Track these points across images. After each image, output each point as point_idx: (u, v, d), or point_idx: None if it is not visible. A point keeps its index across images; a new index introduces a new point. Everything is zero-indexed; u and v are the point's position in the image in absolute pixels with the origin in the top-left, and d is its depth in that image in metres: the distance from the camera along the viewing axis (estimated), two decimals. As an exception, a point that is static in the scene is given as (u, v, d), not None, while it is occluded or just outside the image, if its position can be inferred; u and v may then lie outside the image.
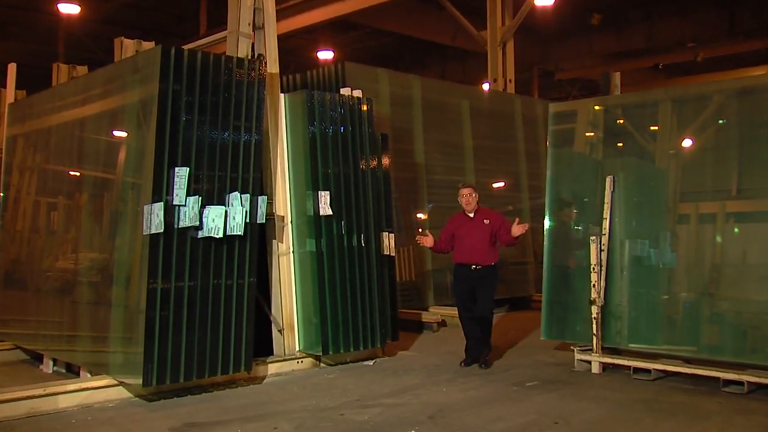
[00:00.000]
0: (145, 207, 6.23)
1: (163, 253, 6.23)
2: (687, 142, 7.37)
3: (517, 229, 7.51)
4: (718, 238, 6.96)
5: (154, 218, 6.16)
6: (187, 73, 6.48)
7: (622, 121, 7.86)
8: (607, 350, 7.43)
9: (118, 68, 7.40)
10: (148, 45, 8.14)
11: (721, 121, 7.15)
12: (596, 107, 8.08)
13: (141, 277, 6.25)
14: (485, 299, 7.64)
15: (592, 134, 8.03)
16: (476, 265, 7.62)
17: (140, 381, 6.12)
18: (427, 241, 7.84)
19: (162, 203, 6.19)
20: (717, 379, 6.63)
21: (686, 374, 6.91)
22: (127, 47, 8.22)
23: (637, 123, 7.68)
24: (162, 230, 6.18)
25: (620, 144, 7.83)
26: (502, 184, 12.88)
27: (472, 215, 7.77)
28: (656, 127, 7.55)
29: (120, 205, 6.76)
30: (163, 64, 6.32)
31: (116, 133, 7.09)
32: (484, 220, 7.70)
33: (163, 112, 6.30)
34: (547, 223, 8.04)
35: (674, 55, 20.79)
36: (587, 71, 22.58)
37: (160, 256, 6.22)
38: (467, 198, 7.73)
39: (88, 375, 6.85)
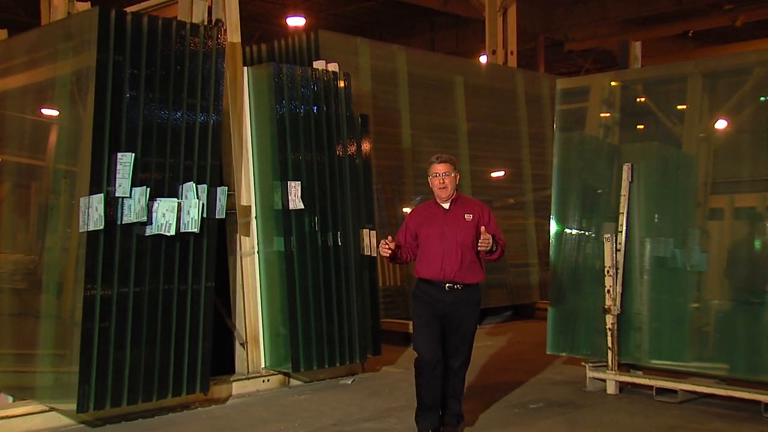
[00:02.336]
0: (82, 199, 6.14)
1: (103, 253, 6.16)
2: (721, 124, 7.35)
3: (481, 241, 5.77)
4: (758, 237, 6.91)
5: (93, 213, 6.09)
6: (132, 41, 6.40)
7: (642, 99, 7.84)
8: (624, 367, 7.42)
9: (46, 33, 7.28)
10: (82, 6, 8.01)
11: (763, 99, 7.10)
12: (612, 83, 8.02)
13: (76, 283, 6.17)
14: (464, 344, 5.95)
15: (607, 115, 8.00)
16: (452, 284, 5.85)
17: (74, 406, 6.03)
18: (388, 249, 5.84)
19: (102, 195, 6.11)
20: (757, 402, 6.59)
21: (720, 396, 6.86)
22: (56, 8, 8.10)
23: (661, 101, 7.64)
24: (102, 227, 6.10)
25: (640, 126, 7.81)
26: (501, 173, 12.92)
27: (447, 206, 5.99)
28: (684, 106, 7.54)
29: (51, 198, 6.68)
30: (102, 30, 6.22)
31: (45, 111, 7.02)
32: (465, 215, 5.95)
33: (102, 87, 6.21)
34: (553, 218, 8.02)
35: (707, 20, 20.56)
36: (602, 41, 22.49)
37: (100, 258, 6.15)
38: (441, 179, 5.92)
39: (10, 400, 6.76)
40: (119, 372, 6.22)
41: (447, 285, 5.85)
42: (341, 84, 8.13)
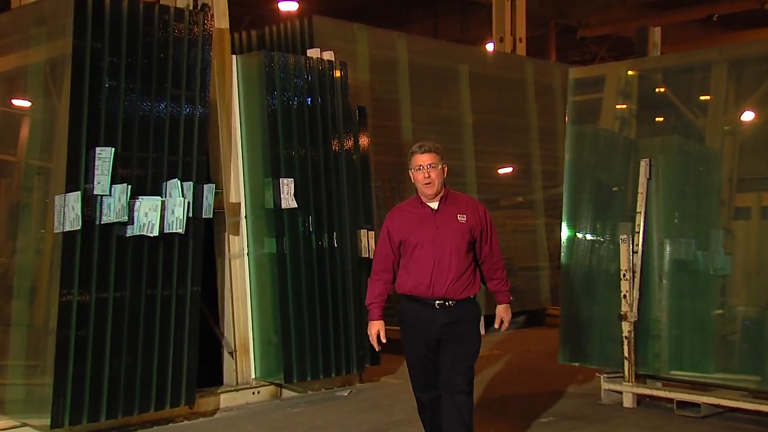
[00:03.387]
0: (57, 198, 6.13)
1: (80, 256, 6.15)
2: (747, 116, 7.32)
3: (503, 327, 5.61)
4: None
5: (69, 212, 6.08)
6: (111, 27, 6.39)
7: (662, 90, 7.82)
8: (642, 378, 7.37)
9: (16, 17, 7.27)
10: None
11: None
12: (629, 72, 8.02)
13: (51, 288, 6.15)
14: (463, 365, 5.32)
15: (623, 106, 8.00)
16: (444, 301, 5.27)
17: (48, 421, 6.00)
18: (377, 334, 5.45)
19: (79, 193, 6.10)
20: (789, 417, 6.63)
21: (747, 411, 6.80)
22: (28, -10, 8.10)
23: (682, 91, 7.62)
24: (79, 227, 6.10)
25: (660, 119, 7.78)
26: (509, 169, 12.88)
27: (435, 206, 5.36)
28: (707, 97, 7.52)
29: (23, 196, 6.69)
30: (78, 14, 6.19)
31: (16, 101, 7.01)
32: (458, 216, 5.35)
33: (79, 76, 6.18)
34: (565, 218, 7.98)
35: (733, 2, 20.45)
36: (618, 26, 22.35)
37: (77, 260, 6.13)
38: (426, 173, 5.27)
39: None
40: (97, 384, 6.21)
41: (437, 302, 5.25)
42: (337, 74, 8.13)
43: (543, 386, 8.24)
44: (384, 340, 5.39)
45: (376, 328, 5.39)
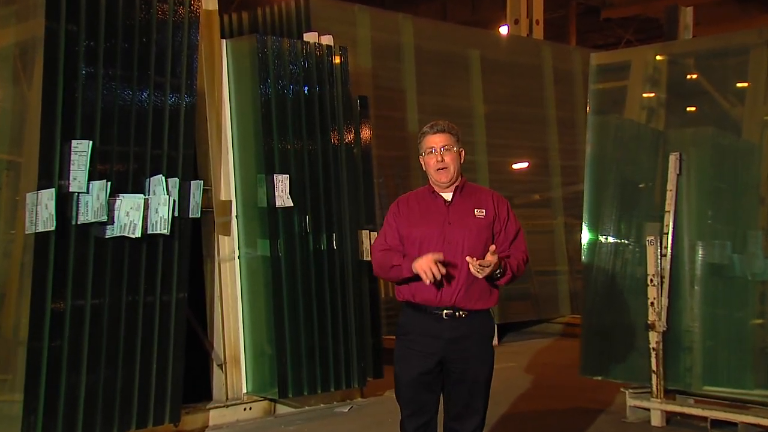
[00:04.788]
0: (29, 195, 6.12)
1: (54, 259, 6.13)
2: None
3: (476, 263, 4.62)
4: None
5: (42, 211, 6.06)
6: (87, 7, 6.36)
7: (694, 76, 7.83)
8: (672, 394, 7.35)
9: None
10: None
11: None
12: (657, 57, 8.01)
13: (21, 294, 6.17)
14: (476, 399, 4.90)
15: (651, 95, 7.99)
16: (453, 311, 4.80)
17: (18, 441, 6.02)
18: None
19: (53, 190, 6.08)
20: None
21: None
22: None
23: (717, 78, 7.63)
24: (53, 227, 6.07)
25: (691, 108, 7.80)
26: (525, 164, 12.94)
27: (449, 197, 4.96)
28: (745, 84, 7.50)
29: None
30: None
31: None
32: (476, 210, 4.93)
33: (52, 61, 6.16)
34: (586, 218, 7.99)
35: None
36: (645, 6, 22.39)
37: (51, 264, 6.11)
38: (439, 156, 4.88)
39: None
40: (72, 400, 6.17)
41: (445, 312, 4.78)
42: (336, 60, 8.15)
43: (562, 402, 8.24)
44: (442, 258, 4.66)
45: (427, 257, 4.64)
